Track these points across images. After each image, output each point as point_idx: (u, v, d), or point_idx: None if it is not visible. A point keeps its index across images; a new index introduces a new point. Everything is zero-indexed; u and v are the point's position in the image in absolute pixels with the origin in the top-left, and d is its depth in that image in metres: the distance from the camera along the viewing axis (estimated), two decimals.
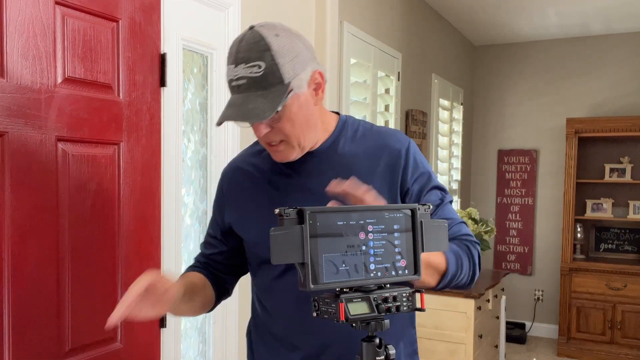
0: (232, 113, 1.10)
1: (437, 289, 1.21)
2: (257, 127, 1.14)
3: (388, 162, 1.23)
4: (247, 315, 1.44)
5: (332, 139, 1.25)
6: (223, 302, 1.42)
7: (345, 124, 1.28)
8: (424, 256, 1.02)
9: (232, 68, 1.11)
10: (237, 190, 1.32)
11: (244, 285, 1.47)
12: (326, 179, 1.13)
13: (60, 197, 1.49)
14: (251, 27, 1.13)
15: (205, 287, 1.33)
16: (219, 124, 1.12)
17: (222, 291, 1.38)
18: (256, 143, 1.34)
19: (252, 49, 1.09)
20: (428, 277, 1.12)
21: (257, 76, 1.08)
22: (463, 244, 1.23)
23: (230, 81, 1.12)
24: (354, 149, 1.25)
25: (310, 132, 1.19)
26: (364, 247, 0.92)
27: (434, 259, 1.13)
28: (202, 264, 1.38)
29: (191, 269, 1.38)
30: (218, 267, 1.37)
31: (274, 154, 1.21)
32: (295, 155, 1.20)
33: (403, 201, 1.23)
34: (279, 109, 1.09)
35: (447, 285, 1.20)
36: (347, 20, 3.02)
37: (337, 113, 1.32)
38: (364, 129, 1.28)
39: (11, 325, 1.39)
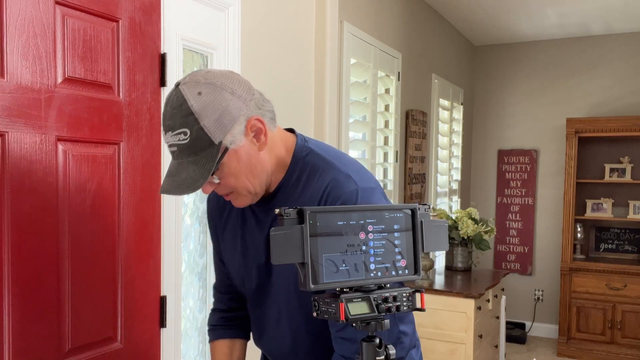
0: (168, 186, 1.09)
1: None
2: (203, 188, 1.11)
3: None
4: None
5: (283, 180, 1.20)
6: None
7: (297, 162, 1.20)
8: None
9: (163, 134, 1.11)
10: (221, 218, 1.36)
11: None
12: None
13: (60, 197, 1.49)
14: (177, 85, 1.10)
15: (242, 347, 1.46)
16: (161, 192, 1.13)
17: (248, 332, 1.47)
18: None
19: (175, 115, 1.06)
20: None
21: (185, 143, 1.06)
22: None
23: (167, 145, 1.12)
24: (302, 193, 1.18)
25: (258, 179, 1.15)
26: (364, 247, 0.92)
27: None
28: (226, 320, 1.46)
29: (219, 332, 1.46)
30: (240, 314, 1.45)
31: (232, 202, 1.20)
32: (250, 200, 1.18)
33: None
34: (214, 171, 1.07)
35: None
36: (347, 20, 3.03)
37: (295, 135, 1.24)
38: (312, 171, 1.18)
39: (11, 325, 1.39)
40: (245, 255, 1.29)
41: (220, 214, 1.35)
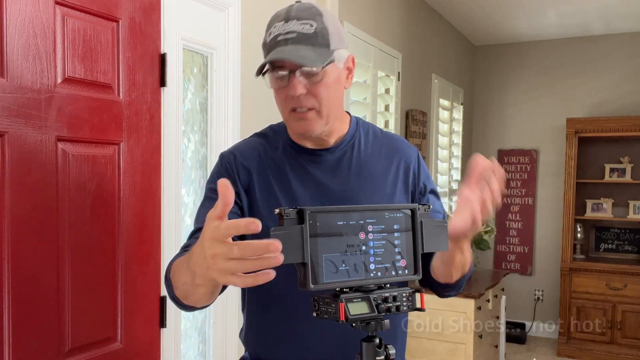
0: (282, 55, 1.08)
1: (446, 288, 1.20)
2: (295, 85, 1.10)
3: (404, 165, 1.27)
4: None
5: (348, 137, 1.25)
6: (223, 302, 1.43)
7: (357, 124, 1.28)
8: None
9: (282, 25, 1.11)
10: (259, 170, 1.20)
11: None
12: (343, 179, 1.17)
13: (60, 197, 1.49)
14: (297, 1, 1.16)
15: None
16: (261, 70, 1.11)
17: None
18: (257, 135, 1.27)
19: (305, 10, 1.12)
20: (457, 272, 1.14)
21: (309, 33, 1.10)
22: None
23: (276, 37, 1.11)
24: (369, 149, 1.26)
25: (337, 110, 1.19)
26: (363, 247, 0.92)
27: (468, 255, 1.13)
28: None
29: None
30: None
31: (297, 123, 1.15)
32: (319, 128, 1.15)
33: (414, 199, 1.27)
34: (326, 65, 1.10)
35: (457, 286, 1.21)
36: (347, 20, 3.03)
37: (347, 112, 1.32)
38: (374, 132, 1.30)
39: (11, 325, 1.39)
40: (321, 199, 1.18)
41: (260, 163, 1.20)
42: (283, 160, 1.21)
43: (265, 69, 1.14)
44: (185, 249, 1.17)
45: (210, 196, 1.20)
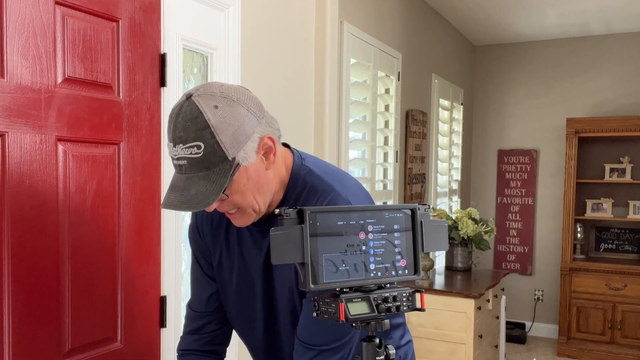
0: (175, 201, 1.03)
1: None
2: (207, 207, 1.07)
3: None
4: None
5: (284, 198, 1.19)
6: None
7: (296, 180, 1.19)
8: None
9: (171, 147, 1.04)
10: (212, 234, 1.29)
11: None
12: (262, 255, 1.18)
13: (60, 197, 1.49)
14: (188, 97, 1.04)
15: None
16: (164, 208, 1.07)
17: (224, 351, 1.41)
18: None
19: (189, 127, 1.01)
20: None
21: (198, 157, 1.01)
22: None
23: (171, 158, 1.06)
24: None
25: (264, 197, 1.13)
26: (363, 247, 0.92)
27: None
28: (200, 345, 1.36)
29: (190, 358, 1.35)
30: (216, 338, 1.37)
31: (233, 221, 1.16)
32: (253, 219, 1.15)
33: None
34: (225, 187, 1.03)
35: None
36: (347, 20, 3.02)
37: (292, 151, 1.23)
38: (310, 191, 1.17)
39: (11, 325, 1.39)
40: (244, 272, 1.25)
41: (211, 225, 1.29)
42: (224, 230, 1.28)
43: None
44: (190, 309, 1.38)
45: (193, 269, 1.36)
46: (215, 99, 1.03)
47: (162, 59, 1.81)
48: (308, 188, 1.17)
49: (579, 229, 4.99)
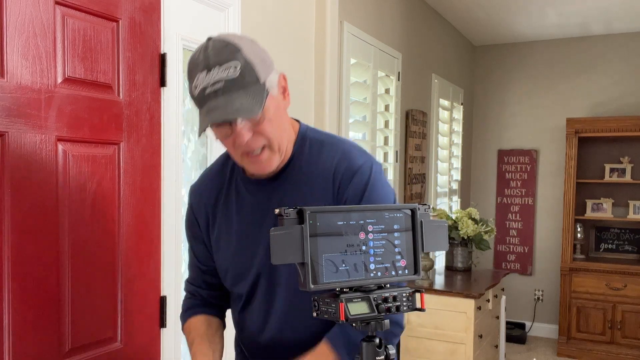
0: (218, 115, 1.04)
1: None
2: (240, 133, 1.08)
3: (329, 179, 1.18)
4: None
5: (291, 157, 1.21)
6: None
7: (304, 139, 1.22)
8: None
9: (205, 75, 1.06)
10: (214, 210, 1.28)
11: None
12: (280, 202, 1.16)
13: (60, 197, 1.49)
14: (209, 39, 1.10)
15: (219, 330, 1.35)
16: (201, 132, 1.07)
17: (224, 314, 1.41)
18: (220, 165, 1.31)
19: (222, 52, 1.06)
20: None
21: (235, 76, 1.05)
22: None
23: (203, 90, 1.06)
24: (311, 166, 1.20)
25: (285, 135, 1.16)
26: (363, 247, 0.92)
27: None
28: (204, 301, 1.37)
29: (195, 310, 1.35)
30: (218, 300, 1.38)
31: (252, 166, 1.15)
32: (275, 163, 1.15)
33: None
34: (264, 104, 1.06)
35: None
36: (347, 20, 3.02)
37: (297, 120, 1.27)
38: (321, 143, 1.22)
39: (11, 325, 1.39)
40: (245, 242, 1.23)
41: (216, 202, 1.27)
42: (232, 194, 1.26)
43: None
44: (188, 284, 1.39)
45: (191, 246, 1.36)
46: (236, 36, 1.10)
47: (162, 59, 1.81)
48: (316, 142, 1.22)
49: (579, 229, 4.99)
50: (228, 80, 1.05)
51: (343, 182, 1.17)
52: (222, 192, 1.28)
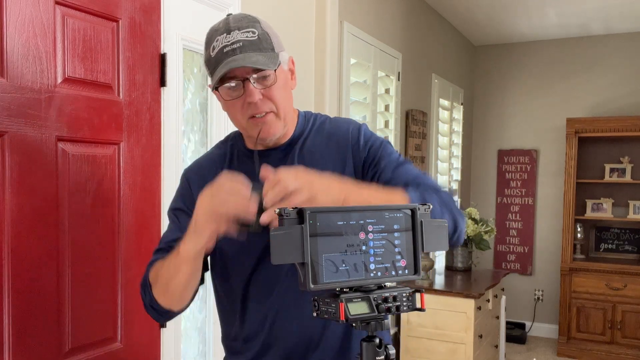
0: (237, 64, 1.09)
1: None
2: (251, 91, 1.12)
3: (339, 146, 1.24)
4: None
5: (296, 133, 1.25)
6: None
7: (305, 119, 1.29)
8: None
9: (225, 37, 1.12)
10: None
11: None
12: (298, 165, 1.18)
13: (60, 197, 1.49)
14: (229, 14, 1.18)
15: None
16: (217, 83, 1.11)
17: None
18: (218, 147, 1.31)
19: (243, 19, 1.15)
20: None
21: (254, 39, 1.12)
22: (431, 188, 1.17)
23: (222, 48, 1.12)
24: (317, 142, 1.25)
25: (290, 110, 1.21)
26: (364, 247, 0.91)
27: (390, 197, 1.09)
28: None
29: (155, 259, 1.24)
30: None
31: (257, 128, 1.16)
32: (279, 130, 1.18)
33: (365, 172, 1.22)
34: (278, 66, 1.13)
35: None
36: (347, 20, 3.02)
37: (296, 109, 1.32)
38: (322, 123, 1.29)
39: (11, 325, 1.39)
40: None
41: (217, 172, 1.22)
42: (237, 170, 1.21)
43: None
44: (159, 251, 1.28)
45: (175, 221, 1.31)
46: (253, 14, 1.19)
47: (162, 59, 1.81)
48: (318, 119, 1.29)
49: (579, 229, 4.99)
50: (247, 41, 1.12)
51: (353, 140, 1.24)
52: (225, 168, 1.25)
